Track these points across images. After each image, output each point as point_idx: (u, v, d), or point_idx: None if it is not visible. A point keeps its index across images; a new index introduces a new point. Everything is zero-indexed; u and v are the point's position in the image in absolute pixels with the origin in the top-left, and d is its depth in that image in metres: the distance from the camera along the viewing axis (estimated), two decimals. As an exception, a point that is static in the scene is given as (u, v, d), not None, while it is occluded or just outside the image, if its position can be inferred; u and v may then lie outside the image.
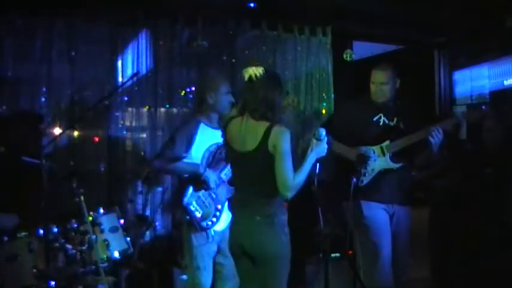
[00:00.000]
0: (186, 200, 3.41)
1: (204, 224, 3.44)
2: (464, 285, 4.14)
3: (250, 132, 2.69)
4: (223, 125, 2.99)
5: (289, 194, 2.61)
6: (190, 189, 3.43)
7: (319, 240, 2.76)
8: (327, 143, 2.70)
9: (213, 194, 3.50)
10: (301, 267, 4.30)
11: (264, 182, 2.68)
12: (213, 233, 3.48)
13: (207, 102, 3.53)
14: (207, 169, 3.46)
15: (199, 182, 3.44)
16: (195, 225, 3.42)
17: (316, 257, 3.94)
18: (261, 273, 2.70)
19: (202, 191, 3.45)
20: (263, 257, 2.68)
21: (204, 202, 3.45)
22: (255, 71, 2.71)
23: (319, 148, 2.67)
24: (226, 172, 3.51)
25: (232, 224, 2.88)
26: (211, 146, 3.53)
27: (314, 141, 2.68)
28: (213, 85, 3.55)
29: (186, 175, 3.49)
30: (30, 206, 3.63)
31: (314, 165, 2.69)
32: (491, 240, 3.98)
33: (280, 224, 2.70)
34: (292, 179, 2.58)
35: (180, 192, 3.47)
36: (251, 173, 2.73)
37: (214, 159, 3.54)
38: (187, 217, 3.40)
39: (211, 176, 3.45)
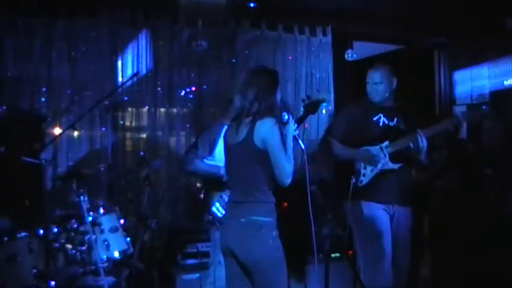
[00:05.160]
0: (209, 201, 3.50)
1: None
2: (464, 285, 4.14)
3: (242, 125, 2.72)
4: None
5: (288, 181, 2.65)
6: (213, 191, 3.53)
7: (319, 241, 2.76)
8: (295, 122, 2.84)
9: None
10: (301, 267, 4.29)
11: (249, 177, 2.68)
12: None
13: (233, 105, 3.56)
14: None
15: (220, 183, 3.49)
16: (217, 224, 3.47)
17: (316, 257, 3.93)
18: (256, 282, 2.66)
19: (226, 191, 3.48)
20: (253, 266, 2.64)
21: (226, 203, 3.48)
22: None
23: (289, 129, 2.77)
24: None
25: (222, 226, 2.88)
26: None
27: (282, 126, 2.78)
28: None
29: (209, 176, 3.56)
30: (30, 206, 3.63)
31: (295, 145, 2.77)
32: (491, 240, 3.98)
33: (267, 227, 2.65)
34: (288, 166, 2.64)
35: (204, 194, 3.57)
36: (237, 167, 2.74)
37: None
38: (210, 217, 3.49)
39: None
